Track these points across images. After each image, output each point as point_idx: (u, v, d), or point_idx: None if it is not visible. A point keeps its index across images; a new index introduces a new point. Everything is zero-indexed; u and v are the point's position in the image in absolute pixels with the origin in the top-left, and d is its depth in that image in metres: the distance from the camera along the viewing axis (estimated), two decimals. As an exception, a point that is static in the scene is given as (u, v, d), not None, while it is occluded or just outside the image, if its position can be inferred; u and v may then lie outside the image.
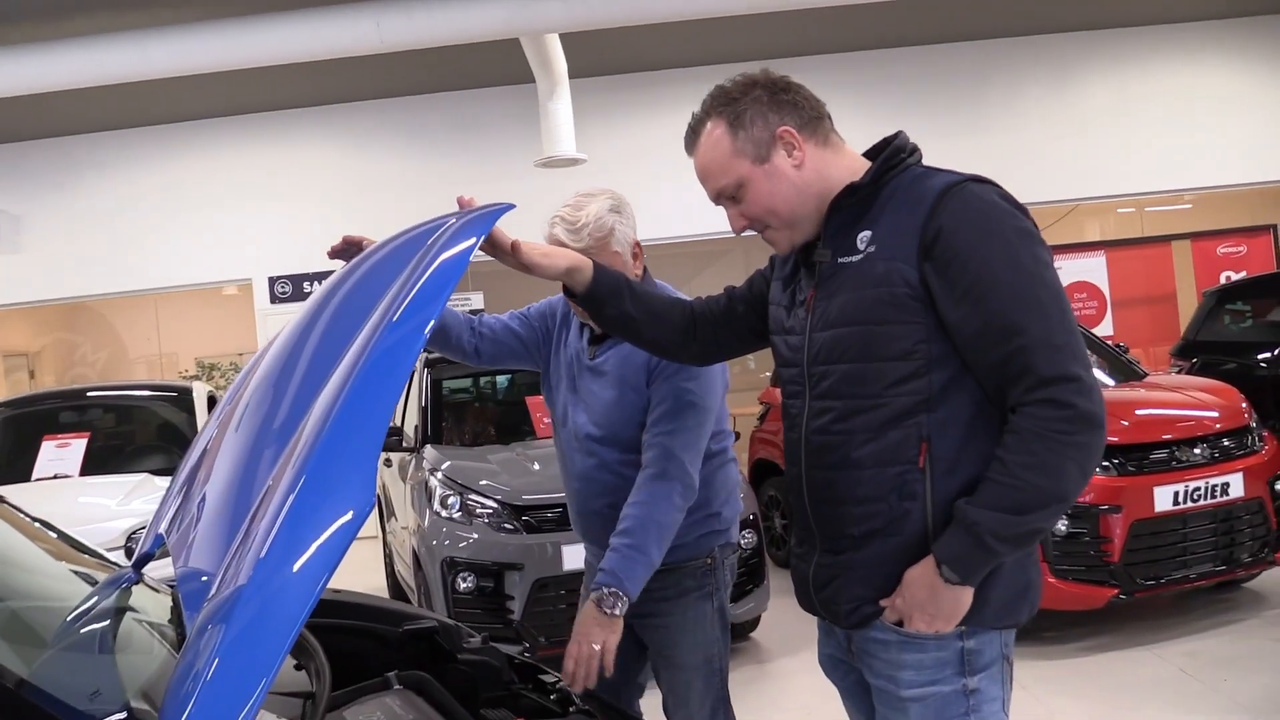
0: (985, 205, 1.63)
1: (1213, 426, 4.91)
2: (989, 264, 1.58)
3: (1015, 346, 1.57)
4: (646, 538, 2.08)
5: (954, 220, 1.60)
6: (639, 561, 2.06)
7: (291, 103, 9.54)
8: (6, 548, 1.85)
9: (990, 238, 1.60)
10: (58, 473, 5.74)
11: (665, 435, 2.18)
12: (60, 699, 1.22)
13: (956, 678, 1.68)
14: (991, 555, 1.59)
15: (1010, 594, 1.69)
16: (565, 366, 2.41)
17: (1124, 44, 9.69)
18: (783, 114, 1.72)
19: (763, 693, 4.59)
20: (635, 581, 2.04)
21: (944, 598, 1.62)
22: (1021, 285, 1.58)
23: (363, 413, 1.26)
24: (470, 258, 1.50)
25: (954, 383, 1.64)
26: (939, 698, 1.68)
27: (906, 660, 1.69)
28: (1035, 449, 1.55)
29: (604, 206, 2.28)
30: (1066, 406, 1.55)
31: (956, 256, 1.59)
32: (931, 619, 1.63)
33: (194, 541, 1.57)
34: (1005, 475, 1.56)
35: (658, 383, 2.24)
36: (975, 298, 1.58)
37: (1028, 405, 1.56)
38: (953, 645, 1.67)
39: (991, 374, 1.61)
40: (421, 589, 4.91)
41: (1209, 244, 9.61)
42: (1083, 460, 1.57)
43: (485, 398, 6.49)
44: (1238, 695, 4.01)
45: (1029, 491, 1.56)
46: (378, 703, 1.63)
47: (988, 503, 1.57)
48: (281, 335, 1.81)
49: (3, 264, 9.65)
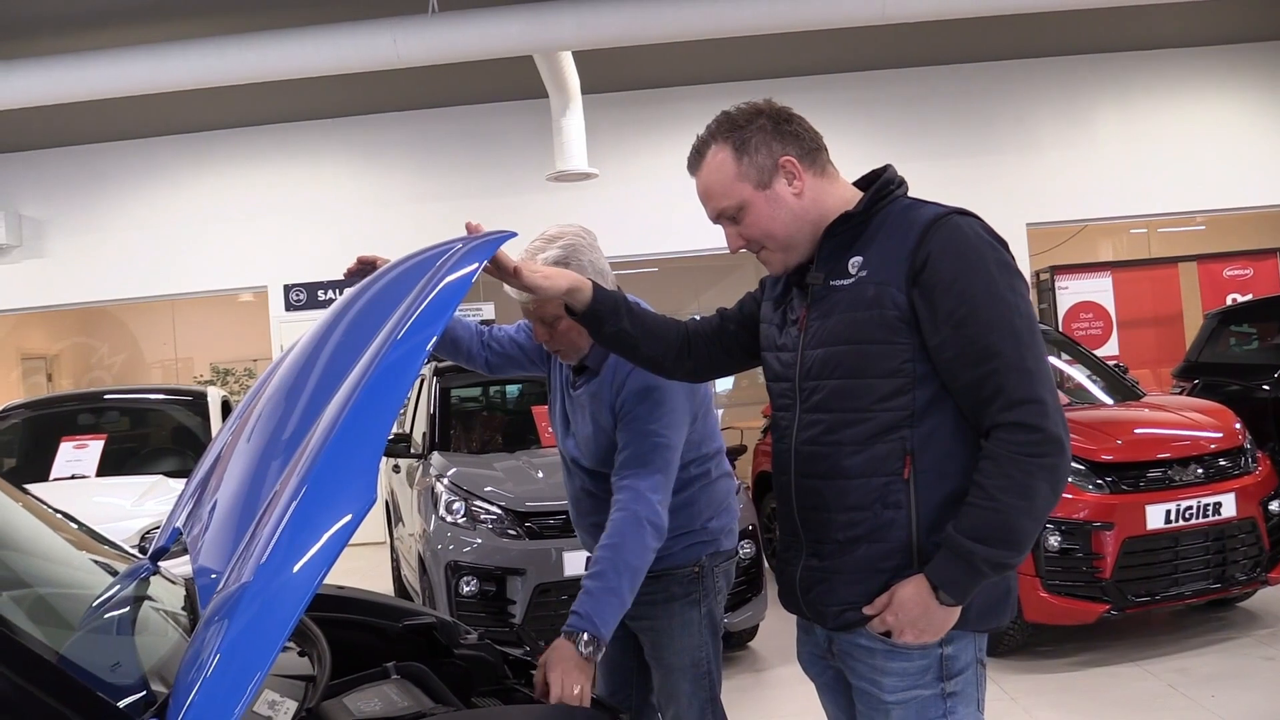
0: (970, 237, 1.75)
1: (1207, 447, 4.97)
2: (970, 292, 1.70)
3: (989, 369, 1.69)
4: (620, 580, 2.11)
5: (940, 249, 1.72)
6: (610, 604, 2.09)
7: (309, 115, 9.72)
8: (34, 539, 1.97)
9: (972, 269, 1.72)
10: (75, 473, 5.89)
11: (633, 477, 2.23)
12: (90, 672, 1.34)
13: (936, 682, 1.79)
14: (981, 577, 1.71)
15: (989, 601, 1.80)
16: (556, 386, 2.54)
17: (1134, 67, 9.78)
18: (785, 144, 1.83)
19: (758, 700, 4.68)
20: (607, 624, 2.07)
21: (936, 615, 1.73)
22: (999, 314, 1.70)
23: (366, 423, 1.38)
24: (473, 280, 1.62)
25: (937, 400, 1.76)
26: (919, 701, 1.79)
27: (891, 668, 1.80)
28: (1010, 472, 1.68)
29: (552, 257, 2.30)
30: (1035, 430, 1.67)
31: (941, 283, 1.71)
32: (921, 633, 1.75)
33: (204, 544, 1.69)
34: (985, 499, 1.69)
35: (623, 424, 2.30)
36: (956, 323, 1.70)
37: (1000, 429, 1.69)
38: (933, 652, 1.79)
39: (967, 395, 1.73)
40: (426, 592, 5.02)
41: (1215, 266, 9.66)
42: (1053, 480, 1.69)
43: (493, 406, 6.61)
44: (1224, 712, 4.07)
45: (1008, 513, 1.68)
46: (376, 690, 1.74)
47: (974, 531, 1.69)
48: (294, 350, 1.93)
49: (25, 268, 9.85)
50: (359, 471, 1.35)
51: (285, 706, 1.53)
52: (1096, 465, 4.76)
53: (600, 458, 2.39)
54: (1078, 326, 9.34)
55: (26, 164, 9.91)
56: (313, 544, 1.28)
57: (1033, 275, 9.77)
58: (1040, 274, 9.70)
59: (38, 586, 1.81)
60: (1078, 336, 8.68)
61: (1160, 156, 9.70)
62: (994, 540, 1.68)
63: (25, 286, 9.87)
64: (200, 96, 7.72)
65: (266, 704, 1.51)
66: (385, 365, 1.44)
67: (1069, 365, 6.46)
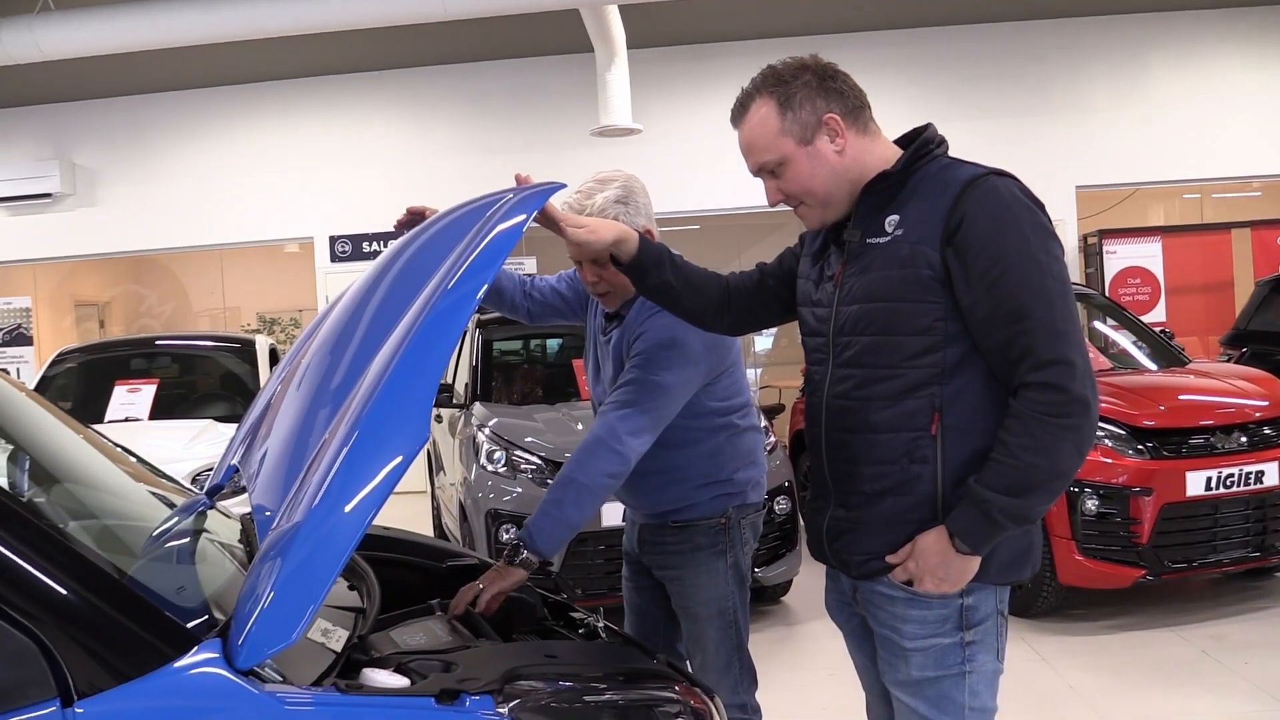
0: (1006, 198, 1.75)
1: (1252, 415, 4.93)
2: (1004, 253, 1.71)
3: (1019, 329, 1.70)
4: (564, 496, 2.17)
5: (976, 210, 1.73)
6: (554, 519, 2.14)
7: (356, 67, 9.77)
8: (99, 474, 2.07)
9: (1007, 229, 1.73)
10: (129, 415, 6.07)
11: (615, 410, 2.26)
12: (158, 594, 1.43)
13: (955, 631, 1.83)
14: (998, 529, 1.74)
15: (1012, 555, 1.83)
16: (595, 332, 2.58)
17: (1191, 26, 9.53)
18: (830, 101, 1.84)
19: (789, 653, 4.75)
20: (547, 538, 2.12)
21: (954, 565, 1.77)
22: (1031, 275, 1.71)
23: (418, 369, 1.44)
24: (523, 231, 1.66)
25: (967, 359, 1.78)
26: (938, 649, 1.83)
27: (911, 615, 1.84)
28: (1034, 431, 1.69)
29: (611, 197, 2.35)
30: (1061, 390, 1.69)
31: (975, 244, 1.72)
32: (940, 582, 1.78)
33: (259, 485, 1.76)
34: (1008, 456, 1.71)
35: (631, 363, 2.33)
36: (989, 284, 1.71)
37: (1027, 388, 1.71)
38: (954, 603, 1.82)
39: (997, 355, 1.75)
40: (466, 539, 5.13)
41: (1270, 233, 9.45)
42: (1077, 440, 1.71)
43: (534, 359, 6.69)
44: (1258, 679, 4.08)
45: (1029, 471, 1.70)
46: (421, 625, 1.82)
47: (994, 483, 1.71)
48: (344, 299, 1.98)
49: (78, 216, 10.05)
50: (411, 416, 1.41)
51: (337, 635, 1.60)
52: (1137, 430, 4.73)
53: None
54: (1125, 292, 9.21)
55: (80, 113, 10.07)
56: (364, 486, 1.35)
57: (1080, 239, 9.63)
58: (1088, 238, 9.56)
59: (104, 518, 1.90)
60: (1124, 302, 8.56)
61: (1216, 119, 9.47)
62: (1013, 494, 1.70)
63: (78, 235, 10.08)
64: (251, 48, 7.79)
65: (320, 631, 1.59)
66: (437, 312, 1.49)
67: (1114, 330, 6.39)
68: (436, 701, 1.39)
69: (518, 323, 2.86)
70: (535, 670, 1.52)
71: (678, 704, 1.58)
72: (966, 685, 1.83)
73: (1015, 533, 1.79)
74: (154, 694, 1.29)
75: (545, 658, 1.62)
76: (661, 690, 1.60)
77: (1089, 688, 4.09)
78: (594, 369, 2.59)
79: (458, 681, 1.44)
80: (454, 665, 1.52)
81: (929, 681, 1.84)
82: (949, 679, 1.83)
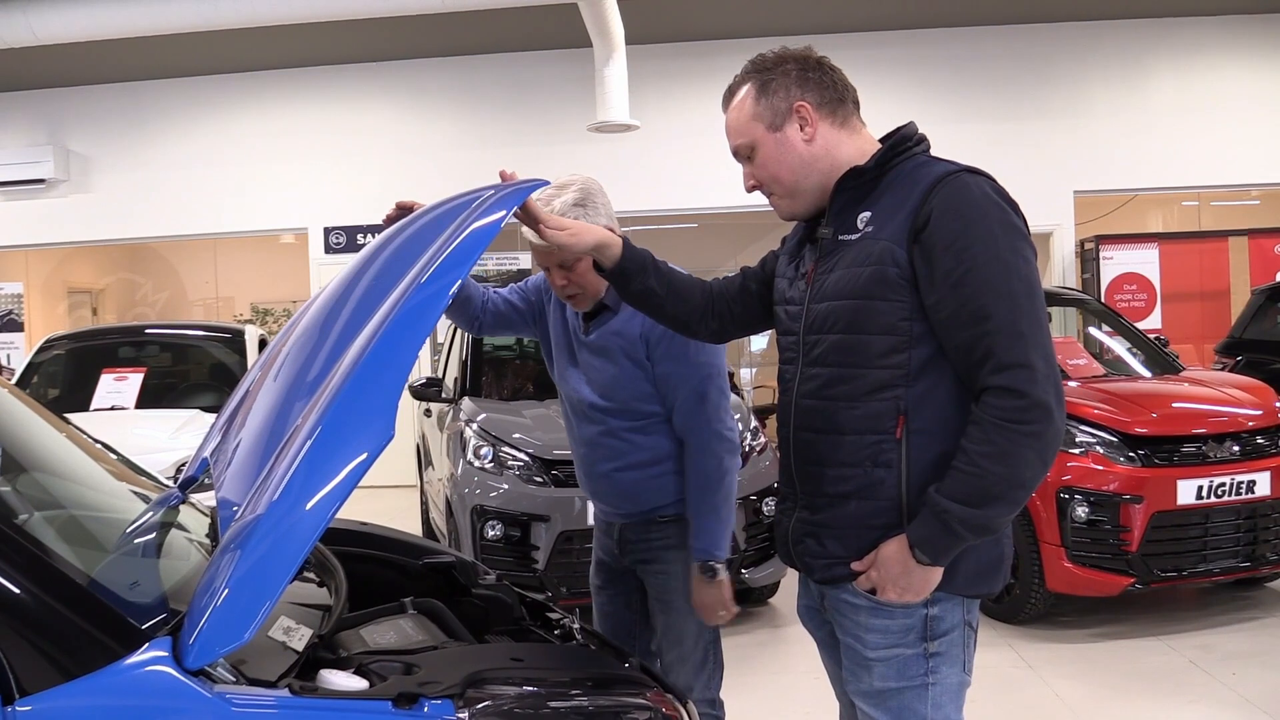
0: (975, 196, 1.71)
1: (1245, 424, 4.90)
2: (969, 252, 1.68)
3: (982, 330, 1.67)
4: (708, 502, 2.36)
5: (944, 206, 1.70)
6: (713, 527, 2.36)
7: (354, 58, 9.72)
8: (74, 466, 2.03)
9: (974, 227, 1.69)
10: (115, 404, 6.02)
11: (693, 417, 2.38)
12: (109, 588, 1.40)
13: (919, 642, 1.79)
14: (958, 540, 1.70)
15: (980, 566, 1.79)
16: (560, 338, 2.54)
17: (1193, 33, 9.50)
18: (805, 90, 1.83)
19: (775, 655, 4.72)
20: (719, 544, 2.36)
21: (915, 575, 1.73)
22: (996, 275, 1.67)
23: (385, 364, 1.41)
24: (500, 228, 1.64)
25: (933, 361, 1.74)
26: (901, 659, 1.80)
27: (874, 625, 1.81)
28: (994, 438, 1.65)
29: (569, 200, 2.31)
30: (1020, 395, 1.64)
31: (941, 241, 1.69)
32: (903, 592, 1.75)
33: (227, 477, 1.73)
34: (969, 464, 1.67)
35: (664, 358, 2.36)
36: (953, 283, 1.68)
37: (988, 392, 1.67)
38: (917, 613, 1.79)
39: (961, 357, 1.71)
40: (452, 535, 5.09)
41: (1267, 241, 9.43)
42: (1039, 448, 1.66)
43: (525, 355, 6.65)
44: (1245, 690, 4.05)
45: (989, 479, 1.66)
46: (392, 623, 1.79)
47: (954, 493, 1.68)
48: (325, 291, 1.96)
49: (72, 203, 10.00)
50: (376, 412, 1.37)
51: (300, 633, 1.57)
52: (1129, 438, 4.71)
53: (626, 391, 2.40)
54: (1120, 298, 9.19)
55: (75, 99, 10.02)
56: (326, 482, 1.32)
57: (1077, 244, 9.61)
58: (1085, 243, 9.53)
59: (72, 509, 1.86)
60: (1120, 308, 8.54)
61: (1216, 127, 9.45)
62: (972, 504, 1.67)
63: (72, 221, 10.03)
64: (248, 36, 7.75)
65: (282, 630, 1.56)
66: (408, 308, 1.46)
67: (1108, 337, 6.37)
68: (394, 705, 1.36)
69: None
70: (499, 674, 1.49)
71: (648, 710, 1.55)
72: (930, 697, 1.80)
73: (984, 543, 1.76)
74: (99, 692, 1.26)
75: (511, 661, 1.59)
76: (631, 696, 1.57)
77: (1075, 696, 4.07)
78: (573, 371, 2.51)
79: (418, 685, 1.40)
80: (416, 667, 1.48)
81: (891, 692, 1.80)
82: (911, 690, 1.80)
